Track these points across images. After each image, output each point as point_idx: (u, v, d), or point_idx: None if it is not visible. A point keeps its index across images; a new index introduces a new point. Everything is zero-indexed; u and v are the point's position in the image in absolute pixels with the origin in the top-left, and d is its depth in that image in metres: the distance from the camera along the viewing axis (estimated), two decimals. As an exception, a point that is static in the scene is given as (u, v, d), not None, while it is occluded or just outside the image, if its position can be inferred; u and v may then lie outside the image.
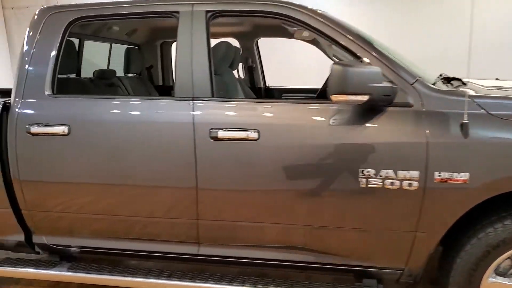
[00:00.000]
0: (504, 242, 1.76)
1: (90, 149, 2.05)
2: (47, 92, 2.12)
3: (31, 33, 2.19)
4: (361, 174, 1.80)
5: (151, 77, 3.81)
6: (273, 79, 3.98)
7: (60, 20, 2.16)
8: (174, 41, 3.82)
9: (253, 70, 3.73)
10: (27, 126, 2.07)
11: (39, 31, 2.17)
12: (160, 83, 3.90)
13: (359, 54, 1.87)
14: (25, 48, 2.18)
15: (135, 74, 3.56)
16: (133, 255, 2.23)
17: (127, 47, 3.37)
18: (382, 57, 1.86)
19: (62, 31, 2.15)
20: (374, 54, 1.86)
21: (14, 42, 7.49)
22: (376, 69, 1.70)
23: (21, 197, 2.16)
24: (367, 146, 1.81)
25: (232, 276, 2.09)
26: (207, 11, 2.03)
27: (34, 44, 2.16)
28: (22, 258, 2.34)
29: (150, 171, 2.01)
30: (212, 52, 2.04)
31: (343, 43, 1.88)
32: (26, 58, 2.16)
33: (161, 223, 2.09)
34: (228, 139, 1.90)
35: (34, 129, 2.06)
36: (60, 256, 2.34)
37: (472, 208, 1.77)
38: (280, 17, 1.97)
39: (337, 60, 3.28)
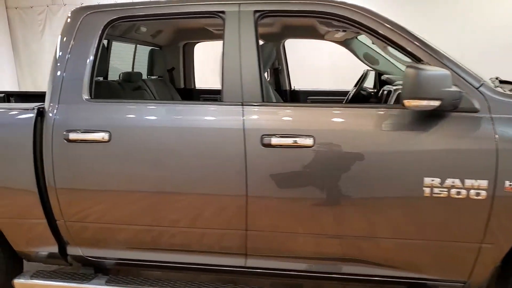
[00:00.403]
0: None
1: (132, 156, 1.93)
2: (85, 96, 2.01)
3: (65, 34, 2.07)
4: (425, 183, 1.71)
5: (172, 80, 3.70)
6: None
7: (98, 21, 2.05)
8: (197, 43, 3.77)
9: (279, 73, 3.64)
10: (64, 133, 1.96)
11: (74, 32, 2.06)
12: (182, 85, 3.78)
13: (420, 56, 1.78)
14: (59, 51, 2.06)
15: (157, 77, 3.45)
16: (173, 268, 2.11)
17: (151, 49, 3.26)
18: (446, 60, 1.77)
19: (99, 32, 2.04)
20: (436, 57, 1.77)
21: (18, 42, 7.35)
22: (446, 72, 1.61)
23: (56, 207, 2.04)
24: (432, 154, 1.72)
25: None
26: (255, 11, 1.93)
27: (69, 47, 2.05)
28: (55, 270, 2.23)
29: (196, 179, 1.90)
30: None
31: (404, 45, 1.79)
32: (61, 62, 2.04)
33: (207, 234, 1.99)
34: (281, 146, 1.80)
35: (73, 135, 1.95)
36: (95, 268, 2.23)
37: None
38: (335, 17, 1.88)
39: (368, 63, 3.23)
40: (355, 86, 3.25)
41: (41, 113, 2.03)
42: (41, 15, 7.09)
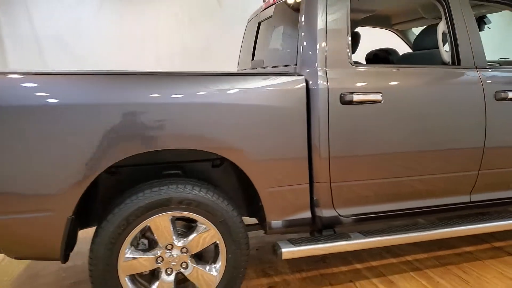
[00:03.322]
0: None
1: (401, 115, 2.17)
2: (351, 62, 2.14)
3: (320, 7, 2.13)
4: None
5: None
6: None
7: (345, -7, 2.18)
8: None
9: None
10: (341, 96, 2.06)
11: (326, 4, 2.14)
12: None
13: None
14: (319, 21, 2.11)
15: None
16: (413, 214, 2.38)
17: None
18: None
19: (349, 4, 2.18)
20: None
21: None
22: None
23: (324, 169, 2.10)
24: None
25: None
26: (470, -1, 2.40)
27: (325, 17, 2.12)
28: (302, 237, 2.24)
29: (447, 133, 2.27)
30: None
31: None
32: (321, 32, 2.10)
33: (448, 178, 2.35)
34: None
35: (353, 97, 2.07)
36: (333, 229, 2.32)
37: None
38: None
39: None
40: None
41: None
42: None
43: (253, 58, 3.11)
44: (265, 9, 2.91)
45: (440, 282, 2.44)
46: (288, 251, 2.10)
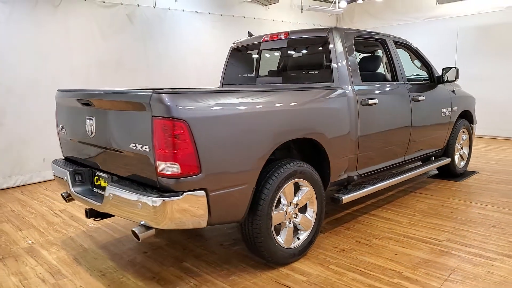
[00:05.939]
0: None
1: (384, 111, 3.72)
2: (361, 80, 3.55)
3: (339, 43, 3.47)
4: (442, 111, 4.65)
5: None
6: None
7: (351, 37, 3.59)
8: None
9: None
10: (361, 101, 3.46)
11: (341, 43, 3.50)
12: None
13: (425, 63, 4.66)
14: (345, 55, 3.45)
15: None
16: (387, 169, 3.97)
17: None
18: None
19: (354, 43, 3.60)
20: (429, 63, 4.70)
21: None
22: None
23: (356, 146, 3.45)
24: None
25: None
26: (393, 41, 4.17)
27: (346, 50, 3.48)
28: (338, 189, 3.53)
29: (399, 119, 3.95)
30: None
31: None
32: (346, 62, 3.45)
33: (399, 145, 4.04)
34: (419, 100, 4.21)
35: (369, 101, 3.49)
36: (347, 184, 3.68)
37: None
38: (404, 46, 4.43)
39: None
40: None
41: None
42: None
43: (257, 76, 4.19)
44: (268, 41, 4.03)
45: (396, 210, 4.13)
46: (346, 197, 3.38)
